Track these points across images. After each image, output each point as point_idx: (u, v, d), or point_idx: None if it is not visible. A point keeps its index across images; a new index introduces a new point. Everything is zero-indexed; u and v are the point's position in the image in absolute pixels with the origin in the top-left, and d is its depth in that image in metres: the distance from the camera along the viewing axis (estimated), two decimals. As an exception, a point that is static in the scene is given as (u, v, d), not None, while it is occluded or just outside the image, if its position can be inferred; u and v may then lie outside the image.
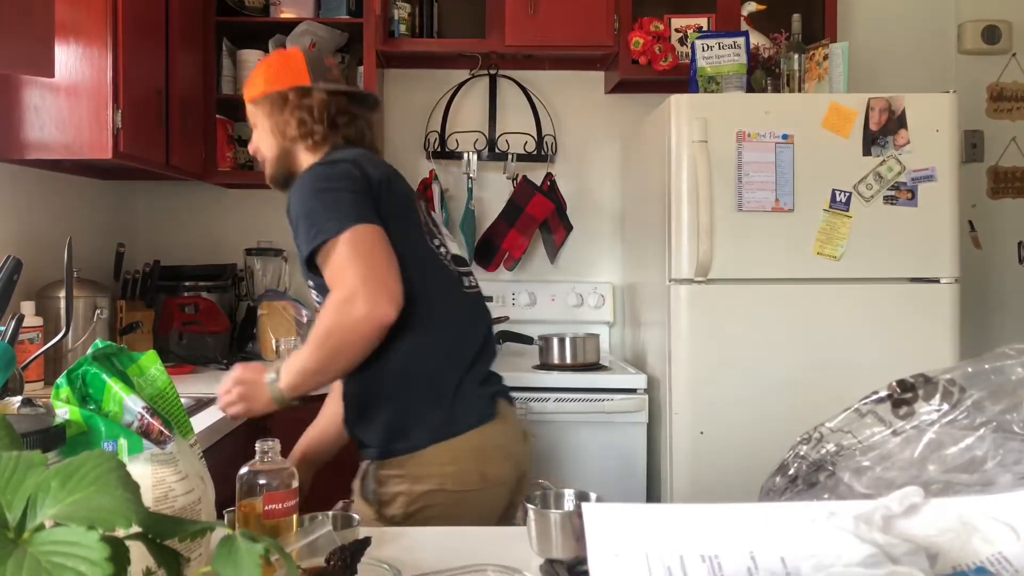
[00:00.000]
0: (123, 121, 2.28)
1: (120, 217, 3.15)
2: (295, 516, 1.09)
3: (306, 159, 1.74)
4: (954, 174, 2.45)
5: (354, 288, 1.46)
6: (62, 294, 2.32)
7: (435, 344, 1.61)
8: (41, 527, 0.51)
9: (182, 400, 1.02)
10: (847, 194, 2.43)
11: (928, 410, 0.94)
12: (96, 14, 2.26)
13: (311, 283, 1.66)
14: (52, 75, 1.95)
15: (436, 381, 1.60)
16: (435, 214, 1.76)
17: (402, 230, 1.59)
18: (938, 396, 0.94)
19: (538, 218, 3.17)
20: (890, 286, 2.46)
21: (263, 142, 1.78)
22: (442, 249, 1.70)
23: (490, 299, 3.18)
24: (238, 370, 1.60)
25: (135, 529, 0.54)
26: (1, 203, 2.39)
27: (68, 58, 2.25)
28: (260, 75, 1.78)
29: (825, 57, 2.61)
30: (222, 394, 1.59)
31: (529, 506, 1.14)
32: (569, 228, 3.24)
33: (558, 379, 2.63)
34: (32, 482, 0.52)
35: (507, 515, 1.67)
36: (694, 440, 2.43)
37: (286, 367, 1.54)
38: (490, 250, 3.21)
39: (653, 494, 2.62)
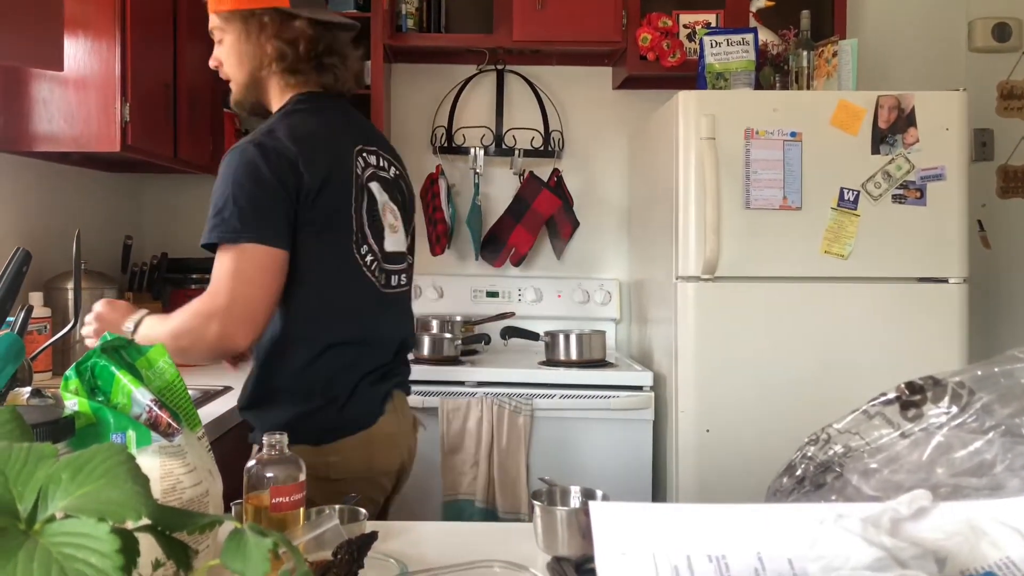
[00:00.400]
0: (131, 114, 2.29)
1: (128, 210, 3.16)
2: (302, 509, 1.09)
3: (277, 92, 1.64)
4: (963, 173, 2.44)
5: (218, 307, 1.44)
6: (70, 286, 2.33)
7: (338, 355, 1.58)
8: (52, 519, 0.51)
9: (190, 392, 1.03)
10: (855, 192, 2.42)
11: (937, 413, 0.94)
12: (104, 8, 2.27)
13: None
14: (61, 68, 1.96)
15: (331, 387, 1.58)
16: (379, 197, 1.68)
17: (325, 239, 1.54)
18: (947, 399, 0.94)
19: (544, 214, 3.17)
20: (898, 286, 2.45)
21: (230, 63, 1.64)
22: (368, 258, 1.61)
23: (496, 295, 3.21)
24: (103, 306, 1.55)
25: (144, 521, 0.54)
26: (10, 195, 2.39)
27: (77, 51, 2.25)
28: None
29: (834, 54, 2.60)
30: (84, 323, 1.55)
31: (535, 502, 1.15)
32: (576, 224, 3.24)
33: (564, 375, 2.63)
34: (43, 474, 0.53)
35: (388, 502, 1.69)
36: (700, 438, 2.42)
37: (145, 328, 1.49)
38: (496, 245, 3.21)
39: (659, 492, 2.62)
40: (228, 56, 1.63)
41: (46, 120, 2.27)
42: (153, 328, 1.50)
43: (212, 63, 1.67)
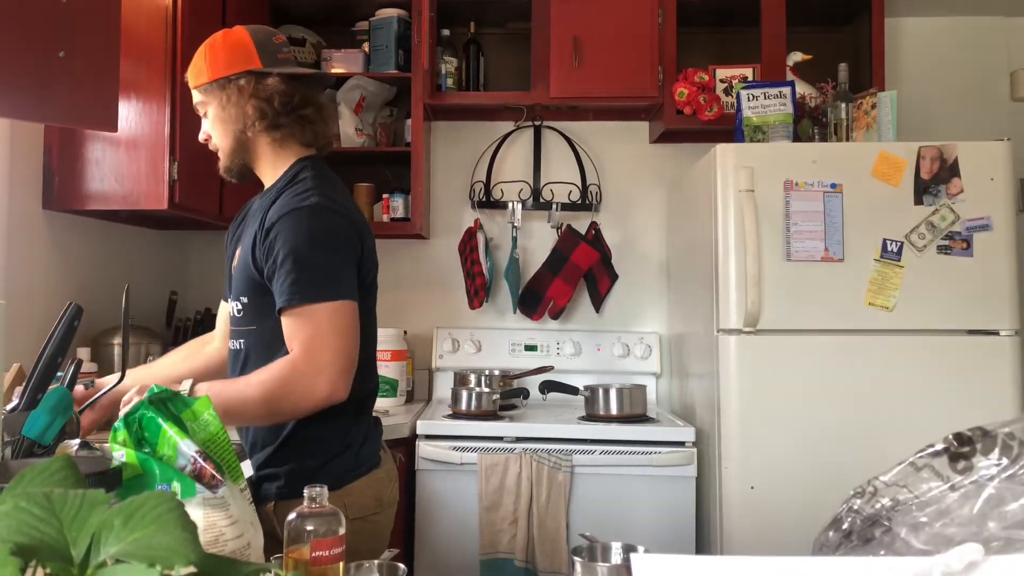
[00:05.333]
0: (179, 173, 2.35)
1: (173, 266, 3.22)
2: (342, 563, 1.09)
3: (270, 154, 1.69)
4: (1011, 223, 2.41)
5: (322, 366, 1.48)
6: (116, 340, 2.38)
7: (354, 403, 1.63)
8: (103, 564, 0.52)
9: (232, 445, 1.04)
10: (899, 244, 2.40)
11: (987, 464, 0.91)
12: (156, 71, 2.35)
13: (244, 299, 1.63)
14: (115, 130, 2.02)
15: (351, 434, 1.64)
16: None
17: (365, 298, 1.64)
18: (997, 450, 0.92)
19: (583, 267, 3.17)
20: (946, 338, 2.40)
21: (216, 132, 1.69)
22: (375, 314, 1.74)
23: (534, 348, 3.21)
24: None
25: (191, 569, 0.55)
26: (62, 252, 2.46)
27: (128, 113, 2.33)
28: (204, 59, 1.66)
29: (873, 106, 2.60)
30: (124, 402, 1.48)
31: (576, 559, 1.13)
32: (614, 277, 3.24)
33: (604, 431, 2.60)
34: (96, 520, 0.54)
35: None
36: (745, 495, 2.38)
37: (213, 393, 1.42)
38: (534, 299, 3.22)
39: (702, 550, 2.57)
40: (214, 126, 1.68)
41: (98, 179, 2.35)
42: (227, 391, 1.50)
43: (201, 137, 1.73)
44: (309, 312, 1.50)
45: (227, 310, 1.89)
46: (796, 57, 2.98)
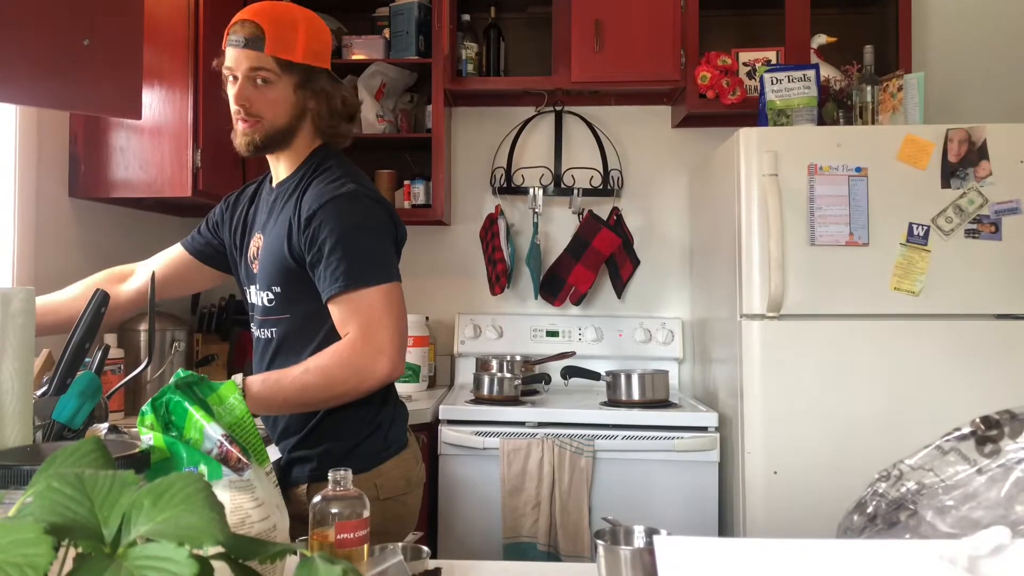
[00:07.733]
0: (202, 160, 2.37)
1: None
2: (366, 546, 1.10)
3: (302, 144, 1.68)
4: (1038, 206, 2.38)
5: (382, 346, 1.50)
6: (143, 327, 2.40)
7: (392, 387, 1.69)
8: (134, 543, 0.53)
9: (258, 429, 1.05)
10: (925, 227, 2.37)
11: (1015, 448, 0.90)
12: (179, 59, 2.37)
13: (277, 288, 1.62)
14: (139, 117, 2.04)
15: (376, 418, 1.66)
16: None
17: None
18: (1026, 433, 0.91)
19: (604, 252, 3.16)
20: (974, 323, 2.37)
21: (271, 108, 1.60)
22: None
23: (556, 334, 3.21)
24: None
25: (219, 549, 0.56)
26: (89, 239, 2.49)
27: (152, 101, 2.35)
28: (300, 35, 1.60)
29: (899, 88, 2.57)
30: None
31: (599, 542, 1.13)
32: (636, 262, 3.23)
33: (626, 416, 2.60)
34: (127, 500, 0.55)
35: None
36: (768, 480, 2.37)
37: (269, 384, 1.49)
38: (556, 284, 3.22)
39: (725, 536, 2.56)
40: (274, 102, 1.60)
41: (123, 167, 2.37)
42: (283, 379, 1.50)
43: (241, 100, 1.60)
44: (362, 296, 1.52)
45: (178, 253, 1.91)
46: (820, 39, 2.95)
